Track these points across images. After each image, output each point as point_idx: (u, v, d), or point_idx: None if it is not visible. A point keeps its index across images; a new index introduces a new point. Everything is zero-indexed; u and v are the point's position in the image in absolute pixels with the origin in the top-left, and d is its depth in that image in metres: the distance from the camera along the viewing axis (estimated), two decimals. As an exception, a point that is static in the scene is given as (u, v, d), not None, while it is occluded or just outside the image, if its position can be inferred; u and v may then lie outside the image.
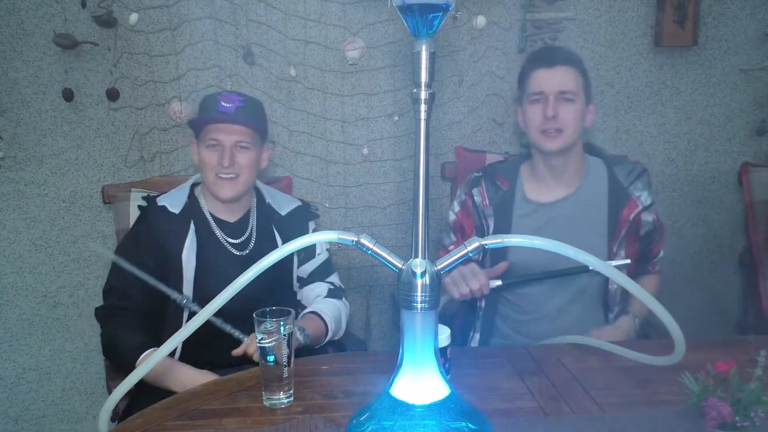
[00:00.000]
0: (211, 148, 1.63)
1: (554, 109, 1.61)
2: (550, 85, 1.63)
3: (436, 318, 0.84)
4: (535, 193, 1.74)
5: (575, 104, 1.63)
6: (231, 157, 1.62)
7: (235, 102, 1.62)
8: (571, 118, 1.63)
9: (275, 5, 2.22)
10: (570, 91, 1.63)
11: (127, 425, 1.11)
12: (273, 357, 1.15)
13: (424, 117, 0.81)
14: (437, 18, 0.77)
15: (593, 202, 1.69)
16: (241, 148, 1.64)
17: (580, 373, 1.28)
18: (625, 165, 1.75)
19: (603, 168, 1.74)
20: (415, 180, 0.82)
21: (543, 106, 1.63)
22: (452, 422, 0.81)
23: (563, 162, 1.69)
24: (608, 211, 1.68)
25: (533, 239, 0.90)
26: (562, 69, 1.64)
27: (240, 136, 1.63)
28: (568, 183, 1.71)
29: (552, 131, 1.63)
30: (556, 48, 1.73)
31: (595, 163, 1.75)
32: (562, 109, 1.62)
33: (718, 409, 0.98)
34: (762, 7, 2.43)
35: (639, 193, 1.69)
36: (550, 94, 1.63)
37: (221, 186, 1.64)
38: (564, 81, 1.63)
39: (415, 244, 0.83)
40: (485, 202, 1.76)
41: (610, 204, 1.68)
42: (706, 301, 2.64)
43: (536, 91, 1.65)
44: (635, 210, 1.67)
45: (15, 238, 2.26)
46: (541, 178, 1.73)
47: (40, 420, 2.39)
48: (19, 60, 2.14)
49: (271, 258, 0.93)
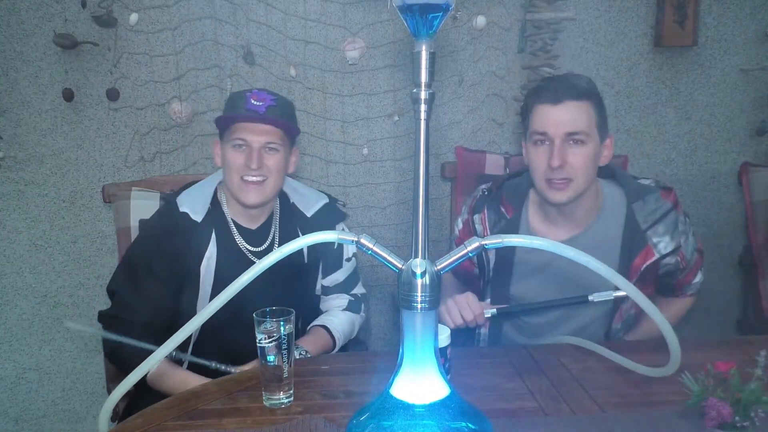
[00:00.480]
0: (238, 148, 1.50)
1: (561, 157, 1.39)
2: (555, 126, 1.40)
3: (436, 318, 0.84)
4: (541, 230, 1.54)
5: (586, 146, 1.41)
6: (259, 159, 1.49)
7: (265, 100, 1.51)
8: (581, 163, 1.40)
9: (275, 5, 2.22)
10: (580, 132, 1.40)
11: (127, 425, 1.11)
12: (273, 357, 1.15)
13: (424, 117, 0.80)
14: (437, 18, 0.77)
15: (604, 246, 1.48)
16: (270, 149, 1.52)
17: (580, 373, 1.28)
18: (648, 201, 1.49)
19: (622, 204, 1.51)
20: (415, 180, 0.82)
21: (548, 150, 1.41)
22: (452, 422, 0.81)
23: (573, 205, 1.48)
24: (620, 258, 1.48)
25: (533, 239, 0.90)
26: (571, 105, 1.40)
27: (270, 137, 1.51)
28: (578, 222, 1.51)
29: (559, 181, 1.41)
30: (563, 79, 1.46)
31: (613, 199, 1.52)
32: (571, 155, 1.40)
33: (718, 409, 0.98)
34: (762, 7, 2.43)
35: (658, 240, 1.47)
36: (556, 137, 1.40)
37: (247, 190, 1.51)
38: (573, 121, 1.39)
39: (415, 244, 0.83)
40: (486, 232, 1.59)
41: (623, 250, 1.48)
42: (706, 301, 2.63)
43: (540, 132, 1.43)
44: (650, 260, 1.47)
45: (15, 238, 2.26)
46: (547, 213, 1.54)
47: (40, 420, 2.39)
48: (19, 60, 2.14)
49: (270, 259, 0.93)
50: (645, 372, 1.20)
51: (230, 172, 1.52)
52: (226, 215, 1.58)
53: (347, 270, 1.72)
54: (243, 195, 1.52)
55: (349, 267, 1.72)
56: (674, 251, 1.50)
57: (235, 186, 1.52)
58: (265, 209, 1.60)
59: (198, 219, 1.53)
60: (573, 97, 1.41)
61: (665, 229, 1.48)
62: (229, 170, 1.52)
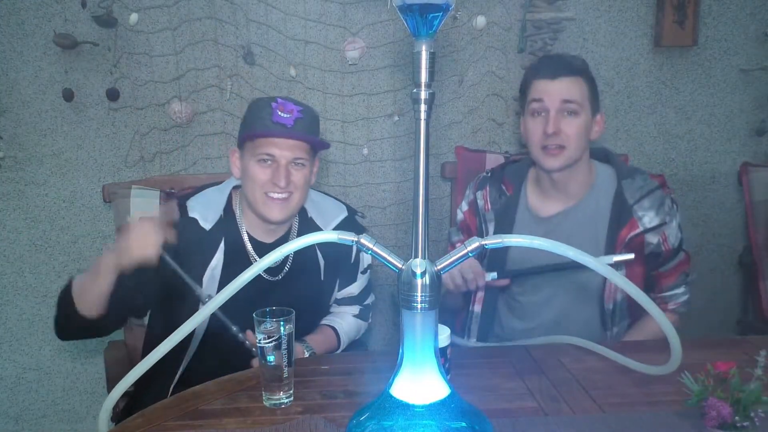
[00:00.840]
0: (263, 163, 1.43)
1: (555, 125, 1.52)
2: (551, 97, 1.53)
3: (436, 318, 0.84)
4: (537, 204, 1.66)
5: (579, 117, 1.53)
6: (287, 176, 1.43)
7: (293, 112, 1.42)
8: (574, 133, 1.53)
9: (275, 5, 2.22)
10: (574, 102, 1.52)
11: (127, 425, 1.11)
12: (273, 357, 1.15)
13: (424, 117, 0.81)
14: (437, 18, 0.77)
15: (594, 218, 1.60)
16: (296, 164, 1.45)
17: (580, 373, 1.28)
18: (636, 180, 1.61)
19: (613, 181, 1.62)
20: (415, 180, 0.82)
21: (544, 120, 1.54)
22: (452, 422, 0.81)
23: (566, 176, 1.59)
24: (608, 229, 1.58)
25: (533, 239, 0.90)
26: (566, 80, 1.53)
27: (298, 152, 1.44)
28: (571, 196, 1.62)
29: (553, 148, 1.53)
30: (559, 57, 1.60)
31: (605, 176, 1.64)
32: (565, 124, 1.52)
33: (718, 409, 0.98)
34: (762, 7, 2.43)
35: (642, 213, 1.57)
36: (552, 107, 1.53)
37: (271, 207, 1.44)
38: (567, 92, 1.52)
39: (415, 244, 0.83)
40: (487, 206, 1.70)
41: (611, 222, 1.58)
42: (706, 301, 2.64)
43: (537, 99, 1.55)
44: (634, 231, 1.56)
45: (15, 238, 2.26)
46: (543, 188, 1.66)
47: (40, 420, 2.39)
48: (19, 60, 2.14)
49: (270, 258, 0.92)
50: (646, 371, 1.20)
51: (253, 186, 1.45)
52: (240, 227, 1.52)
53: (362, 283, 1.69)
54: (266, 211, 1.45)
55: (364, 280, 1.69)
56: (658, 227, 1.57)
57: (258, 201, 1.45)
58: (285, 223, 1.54)
59: (207, 227, 1.46)
60: (568, 73, 1.53)
61: (650, 204, 1.57)
62: (252, 184, 1.45)
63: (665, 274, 1.66)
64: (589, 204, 1.61)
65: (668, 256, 1.62)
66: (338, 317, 1.67)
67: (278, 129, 1.41)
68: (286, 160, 1.43)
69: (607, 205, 1.60)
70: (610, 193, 1.61)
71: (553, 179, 1.60)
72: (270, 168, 1.44)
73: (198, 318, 0.97)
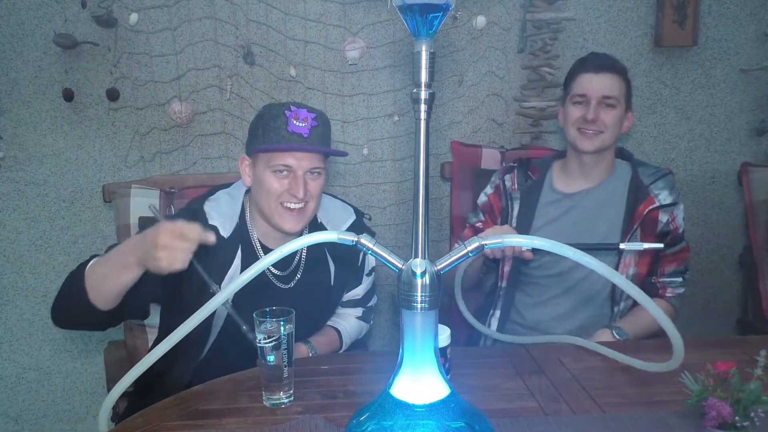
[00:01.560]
0: (279, 173, 1.40)
1: (595, 113, 1.68)
2: (594, 89, 1.69)
3: (436, 318, 0.84)
4: (562, 184, 1.81)
5: (616, 110, 1.70)
6: (304, 186, 1.40)
7: (307, 120, 1.39)
8: (610, 121, 1.69)
9: (275, 5, 2.22)
10: (613, 97, 1.69)
11: (127, 425, 1.11)
12: (273, 357, 1.15)
13: (424, 117, 0.81)
14: (437, 18, 0.77)
15: (613, 196, 1.76)
16: (313, 173, 1.43)
17: (580, 373, 1.28)
18: (649, 167, 1.81)
19: (628, 170, 1.80)
20: (415, 180, 0.82)
21: (584, 108, 1.70)
22: (452, 422, 0.81)
23: (594, 160, 1.75)
24: (626, 206, 1.74)
25: (533, 239, 0.90)
26: (608, 75, 1.70)
27: (315, 162, 1.42)
28: (593, 179, 1.78)
29: (589, 131, 1.70)
30: (603, 55, 1.77)
31: (621, 165, 1.82)
32: (603, 113, 1.69)
33: (718, 409, 0.98)
34: (762, 7, 2.43)
35: (658, 192, 1.73)
36: (593, 98, 1.69)
37: (286, 218, 1.42)
38: (609, 87, 1.69)
39: (415, 244, 0.83)
40: (514, 186, 1.83)
41: (629, 199, 1.74)
42: (706, 301, 2.64)
43: (580, 94, 1.72)
44: (651, 205, 1.71)
45: (15, 238, 2.26)
46: (569, 172, 1.80)
47: (40, 420, 2.39)
48: (19, 60, 2.14)
49: (270, 258, 0.92)
50: (649, 368, 1.19)
51: (268, 196, 1.42)
52: (251, 233, 1.50)
53: (367, 286, 1.69)
54: (282, 222, 1.43)
55: (369, 282, 1.69)
56: (670, 206, 1.73)
57: (273, 212, 1.43)
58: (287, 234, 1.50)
59: (226, 235, 1.43)
60: (610, 70, 1.70)
61: (664, 184, 1.75)
62: (267, 195, 1.42)
63: (669, 258, 1.76)
64: (609, 186, 1.78)
65: (675, 236, 1.75)
66: (341, 318, 1.68)
67: (295, 140, 1.38)
68: (303, 171, 1.41)
69: (624, 187, 1.76)
70: (626, 177, 1.78)
71: (583, 161, 1.76)
72: (287, 179, 1.41)
73: (195, 319, 0.97)
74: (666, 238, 1.73)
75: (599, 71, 1.70)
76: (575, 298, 1.75)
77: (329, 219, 1.58)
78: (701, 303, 2.63)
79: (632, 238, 1.70)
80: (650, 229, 1.72)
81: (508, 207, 1.82)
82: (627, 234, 1.71)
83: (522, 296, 1.81)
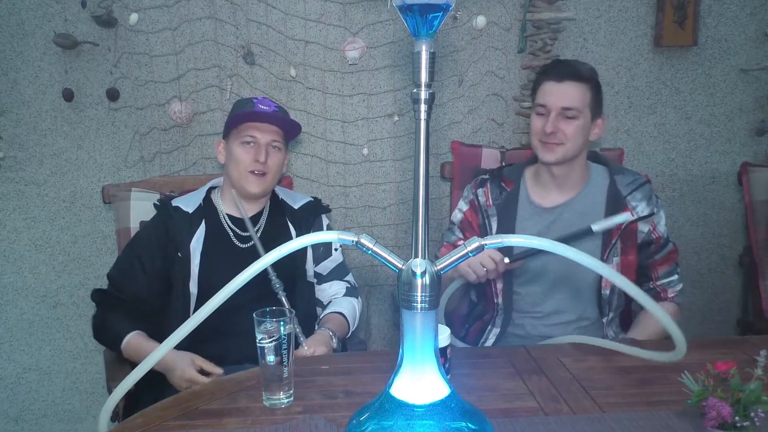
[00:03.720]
0: (246, 145, 1.69)
1: (554, 126, 1.64)
2: (554, 100, 1.65)
3: (436, 318, 0.84)
4: (538, 197, 1.76)
5: (577, 120, 1.65)
6: (266, 154, 1.68)
7: (270, 106, 1.71)
8: (571, 133, 1.65)
9: (275, 5, 2.22)
10: (574, 108, 1.64)
11: (127, 425, 1.11)
12: (273, 357, 1.15)
13: (424, 117, 0.81)
14: (437, 18, 0.77)
15: (591, 208, 1.71)
16: (273, 147, 1.71)
17: (580, 373, 1.28)
18: (627, 175, 1.76)
19: (605, 177, 1.76)
20: (415, 180, 0.82)
21: (545, 119, 1.66)
22: (452, 422, 0.81)
23: (565, 171, 1.71)
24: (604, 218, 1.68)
25: (532, 239, 0.90)
26: (571, 85, 1.64)
27: (275, 136, 1.70)
28: (569, 190, 1.74)
29: (550, 143, 1.66)
30: (568, 62, 1.73)
31: (598, 172, 1.77)
32: (563, 125, 1.64)
33: (718, 409, 0.98)
34: (762, 7, 2.43)
35: (635, 203, 1.70)
36: (553, 109, 1.65)
37: (251, 181, 1.69)
38: (569, 98, 1.64)
39: (415, 244, 0.83)
40: (488, 202, 1.79)
41: (607, 211, 1.70)
42: (706, 301, 2.64)
43: (541, 104, 1.68)
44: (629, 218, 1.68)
45: (15, 238, 2.26)
46: (543, 183, 1.76)
47: (40, 420, 2.39)
48: (19, 60, 2.14)
49: (271, 257, 0.92)
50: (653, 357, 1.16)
51: (237, 165, 1.69)
52: (218, 208, 1.76)
53: (337, 259, 1.84)
54: (247, 185, 1.70)
55: (339, 256, 1.85)
56: (649, 217, 1.71)
57: (241, 177, 1.70)
58: (257, 203, 1.77)
59: (189, 210, 1.71)
60: (573, 78, 1.65)
61: (642, 195, 1.72)
62: (237, 164, 1.69)
63: (660, 261, 1.75)
64: (587, 196, 1.74)
65: (659, 242, 1.73)
66: (334, 305, 1.77)
67: (261, 115, 1.68)
68: (265, 141, 1.69)
69: (602, 197, 1.73)
70: (604, 186, 1.74)
71: (553, 173, 1.72)
72: (253, 149, 1.69)
73: (194, 321, 0.97)
74: (650, 248, 1.72)
75: (561, 80, 1.65)
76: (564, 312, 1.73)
77: (289, 197, 1.84)
78: (701, 303, 2.63)
79: (612, 250, 1.68)
80: (631, 241, 1.70)
81: (485, 224, 1.79)
82: (607, 247, 1.68)
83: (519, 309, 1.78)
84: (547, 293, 1.74)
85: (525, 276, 1.75)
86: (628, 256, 1.70)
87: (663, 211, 1.75)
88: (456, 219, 1.86)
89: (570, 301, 1.74)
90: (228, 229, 1.73)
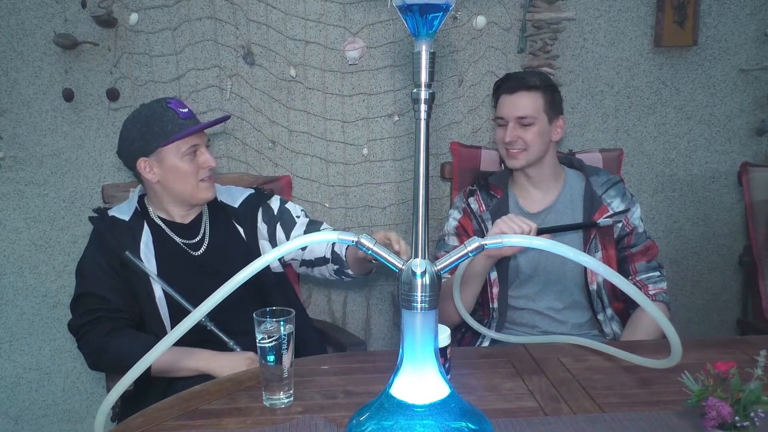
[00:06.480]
0: (191, 156, 1.59)
1: (512, 135, 1.76)
2: (508, 111, 1.77)
3: (436, 318, 0.84)
4: (525, 202, 1.86)
5: (534, 126, 1.75)
6: (212, 157, 1.63)
7: (185, 105, 1.61)
8: (531, 139, 1.75)
9: (275, 5, 2.22)
10: (528, 116, 1.75)
11: (127, 425, 1.11)
12: (273, 357, 1.15)
13: (424, 117, 0.81)
14: (437, 18, 0.77)
15: (571, 209, 1.82)
16: (208, 147, 1.65)
17: (580, 373, 1.28)
18: (601, 175, 1.85)
19: (580, 179, 1.86)
20: (415, 180, 0.82)
21: (505, 129, 1.78)
22: (452, 422, 0.81)
23: (536, 172, 1.82)
24: (582, 216, 1.80)
25: (532, 239, 0.90)
26: (522, 95, 1.75)
27: (205, 137, 1.64)
28: (547, 192, 1.84)
29: (514, 150, 1.78)
30: (517, 74, 1.85)
31: (573, 175, 1.88)
32: (521, 133, 1.76)
33: (718, 409, 0.98)
34: (762, 7, 2.43)
35: (610, 200, 1.80)
36: (510, 119, 1.77)
37: (204, 188, 1.62)
38: (521, 107, 1.75)
39: (415, 244, 0.83)
40: (482, 207, 1.87)
41: (585, 210, 1.80)
42: (706, 301, 2.64)
43: (499, 116, 1.80)
44: (605, 214, 1.78)
45: (15, 238, 2.26)
46: (524, 187, 1.86)
47: (40, 420, 2.39)
48: (19, 60, 2.14)
49: (269, 257, 0.92)
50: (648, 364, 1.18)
51: (186, 179, 1.59)
52: (152, 215, 1.67)
53: (303, 223, 1.76)
54: (204, 194, 1.63)
55: (304, 221, 1.77)
56: (623, 212, 1.80)
57: (194, 190, 1.60)
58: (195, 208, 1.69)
59: (126, 218, 1.63)
60: (524, 89, 1.76)
61: (616, 192, 1.82)
62: (185, 178, 1.59)
63: (635, 254, 1.80)
64: (566, 198, 1.84)
65: (632, 233, 1.81)
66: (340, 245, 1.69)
67: (191, 123, 1.58)
68: (204, 145, 1.62)
69: (579, 198, 1.83)
70: (580, 187, 1.85)
71: (528, 175, 1.83)
72: (196, 157, 1.59)
73: (187, 324, 0.96)
74: (625, 240, 1.80)
75: (513, 92, 1.76)
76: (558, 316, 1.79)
77: (228, 196, 1.75)
78: (701, 303, 2.63)
79: (592, 244, 1.77)
80: (608, 236, 1.79)
81: (482, 228, 1.84)
82: (587, 243, 1.77)
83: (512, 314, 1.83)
84: (539, 294, 1.80)
85: (519, 278, 1.81)
86: (608, 251, 1.78)
87: (638, 206, 1.84)
88: (450, 227, 1.89)
89: (562, 300, 1.79)
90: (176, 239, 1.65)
